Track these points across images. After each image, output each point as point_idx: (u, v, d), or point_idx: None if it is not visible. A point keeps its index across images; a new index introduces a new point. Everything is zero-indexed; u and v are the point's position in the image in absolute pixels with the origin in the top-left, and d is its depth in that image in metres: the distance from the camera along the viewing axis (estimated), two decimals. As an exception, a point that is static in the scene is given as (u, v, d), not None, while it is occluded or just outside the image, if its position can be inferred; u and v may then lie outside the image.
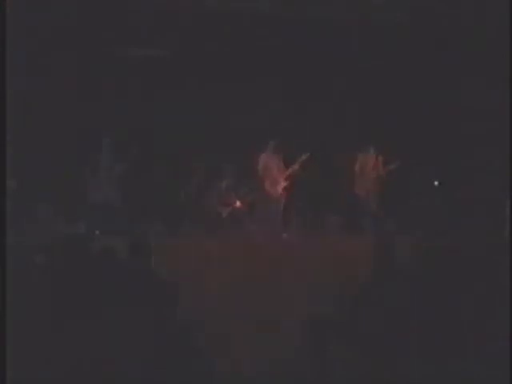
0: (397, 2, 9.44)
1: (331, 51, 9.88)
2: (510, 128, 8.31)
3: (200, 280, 7.31)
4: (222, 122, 10.05)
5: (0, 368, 2.62)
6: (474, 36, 9.29)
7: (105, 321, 2.81)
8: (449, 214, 9.28)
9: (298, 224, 9.66)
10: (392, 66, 9.96)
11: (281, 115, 10.00)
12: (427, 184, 10.13)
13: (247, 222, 9.49)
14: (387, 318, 3.42)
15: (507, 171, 8.13)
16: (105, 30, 9.11)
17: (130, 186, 8.98)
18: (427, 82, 9.86)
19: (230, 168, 9.55)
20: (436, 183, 10.20)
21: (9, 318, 2.72)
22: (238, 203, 9.52)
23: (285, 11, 9.36)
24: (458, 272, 3.28)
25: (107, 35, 9.20)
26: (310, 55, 10.06)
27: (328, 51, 9.88)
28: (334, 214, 9.61)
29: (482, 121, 9.51)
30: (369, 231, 8.91)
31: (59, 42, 8.97)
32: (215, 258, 7.74)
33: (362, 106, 10.16)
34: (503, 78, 8.57)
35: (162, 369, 2.65)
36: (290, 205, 9.54)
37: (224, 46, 9.63)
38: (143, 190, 9.30)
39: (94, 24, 9.01)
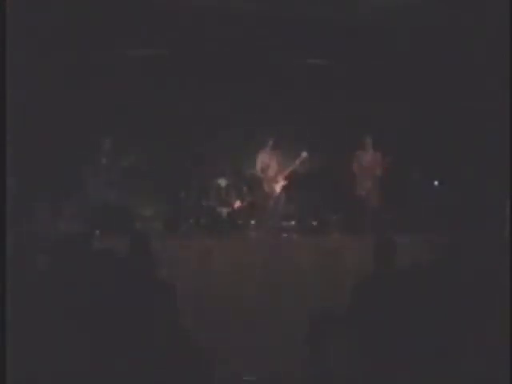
0: (395, 2, 9.43)
1: (330, 51, 9.88)
2: (510, 128, 8.31)
3: (200, 280, 7.32)
4: (221, 122, 10.06)
5: (0, 368, 2.62)
6: (474, 36, 9.29)
7: (105, 321, 2.81)
8: (449, 214, 9.27)
9: (297, 223, 9.68)
10: (391, 64, 9.96)
11: (280, 114, 10.01)
12: (427, 184, 10.13)
13: (247, 221, 9.50)
14: (387, 318, 3.43)
15: (507, 171, 8.13)
16: (105, 29, 9.11)
17: (130, 185, 8.97)
18: (427, 81, 9.86)
19: (229, 168, 9.57)
20: (436, 183, 10.20)
21: (9, 318, 2.72)
22: (238, 203, 9.53)
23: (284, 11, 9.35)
24: (458, 272, 3.28)
25: (107, 35, 9.20)
26: (310, 54, 10.07)
27: (327, 51, 9.89)
28: (334, 213, 9.62)
29: (482, 120, 9.51)
30: (369, 231, 8.90)
31: (59, 42, 8.97)
32: (215, 258, 7.74)
33: (361, 104, 10.17)
34: (503, 77, 8.56)
35: (162, 369, 2.66)
36: (290, 204, 9.54)
37: (224, 45, 9.63)
38: (143, 189, 9.30)
39: (93, 24, 9.00)
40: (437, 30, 9.48)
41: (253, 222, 9.50)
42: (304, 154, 9.12)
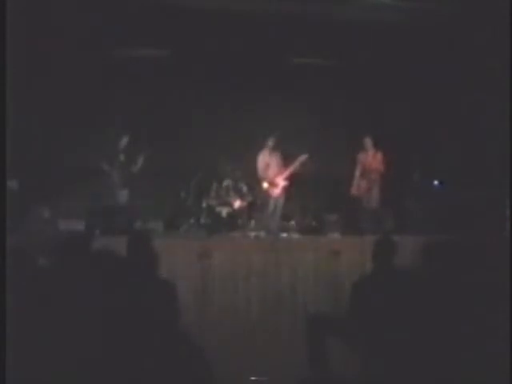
0: (395, 2, 9.43)
1: (330, 50, 9.88)
2: (510, 128, 8.31)
3: (200, 279, 7.32)
4: (221, 122, 10.07)
5: (0, 368, 2.62)
6: (475, 36, 9.28)
7: (104, 321, 2.81)
8: (449, 214, 9.28)
9: (297, 224, 9.68)
10: (391, 64, 9.96)
11: (280, 114, 10.02)
12: (427, 184, 10.14)
13: (247, 221, 9.50)
14: (386, 317, 3.43)
15: (507, 171, 8.14)
16: (105, 29, 9.11)
17: (130, 185, 8.96)
18: (427, 81, 9.86)
19: (229, 168, 9.57)
20: (436, 183, 10.21)
21: (9, 318, 2.73)
22: (238, 203, 9.53)
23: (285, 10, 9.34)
24: (458, 272, 3.28)
25: (107, 35, 9.20)
26: (309, 54, 10.07)
27: (327, 50, 9.89)
28: (334, 213, 9.63)
29: (482, 120, 9.52)
30: (368, 231, 8.90)
31: (59, 42, 8.97)
32: (215, 258, 7.74)
33: (361, 104, 10.17)
34: (504, 77, 8.56)
35: (162, 370, 2.65)
36: (290, 204, 9.55)
37: (224, 45, 9.63)
38: (143, 189, 9.30)
39: (93, 24, 9.00)
40: (437, 30, 9.48)
41: (253, 221, 9.51)
42: (304, 155, 9.13)
